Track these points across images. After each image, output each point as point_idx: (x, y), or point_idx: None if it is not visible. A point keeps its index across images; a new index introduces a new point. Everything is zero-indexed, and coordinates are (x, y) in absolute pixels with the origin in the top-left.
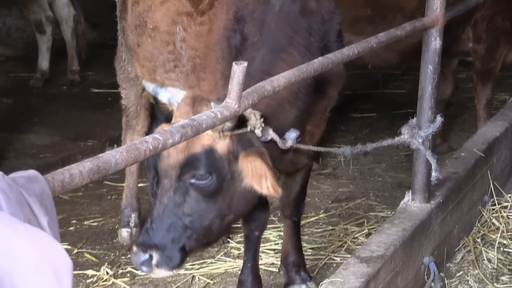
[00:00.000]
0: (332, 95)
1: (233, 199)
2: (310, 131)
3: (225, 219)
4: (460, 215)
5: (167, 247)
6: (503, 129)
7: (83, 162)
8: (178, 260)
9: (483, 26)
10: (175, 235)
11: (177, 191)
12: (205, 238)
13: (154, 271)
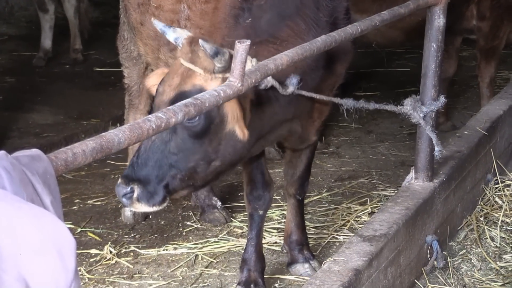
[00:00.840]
0: (339, 72)
1: (221, 144)
2: (319, 108)
3: (212, 164)
4: (463, 193)
5: (150, 183)
6: (506, 108)
7: (86, 141)
8: (159, 198)
9: (487, 3)
10: (159, 172)
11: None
12: (189, 180)
13: (134, 205)
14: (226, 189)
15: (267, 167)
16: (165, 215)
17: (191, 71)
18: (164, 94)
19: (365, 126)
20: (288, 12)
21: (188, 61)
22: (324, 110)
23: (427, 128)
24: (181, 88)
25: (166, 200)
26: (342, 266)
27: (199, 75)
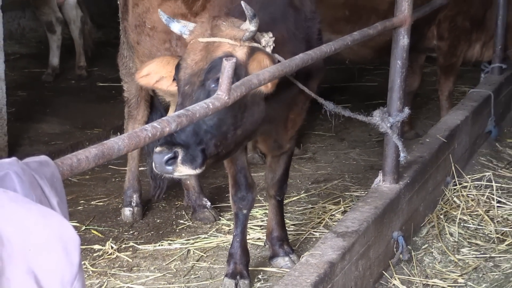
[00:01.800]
0: (312, 87)
1: (246, 110)
2: (293, 119)
3: (237, 130)
4: (425, 194)
5: (190, 147)
6: (463, 118)
7: (89, 148)
8: (200, 160)
9: (446, 25)
10: (198, 137)
11: (200, 96)
12: (220, 146)
13: (179, 168)
14: (215, 191)
15: (250, 171)
16: (160, 214)
17: (216, 43)
18: (193, 66)
19: (338, 134)
20: (275, 19)
21: (210, 37)
22: (297, 121)
23: (393, 136)
24: (213, 56)
25: (205, 164)
26: (318, 259)
27: (227, 44)
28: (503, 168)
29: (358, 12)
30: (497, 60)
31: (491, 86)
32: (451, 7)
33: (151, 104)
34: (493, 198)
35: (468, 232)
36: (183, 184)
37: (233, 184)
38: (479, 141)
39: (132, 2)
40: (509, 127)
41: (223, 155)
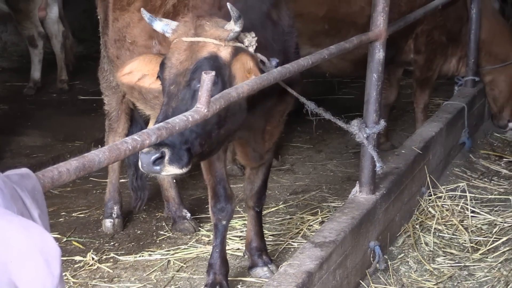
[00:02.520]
0: (290, 100)
1: (229, 109)
2: (270, 130)
3: (221, 130)
4: (401, 204)
5: (176, 146)
6: (438, 129)
7: (70, 160)
8: (187, 159)
9: (422, 40)
10: (183, 137)
11: (185, 95)
12: (205, 145)
13: (166, 168)
14: (195, 202)
15: (229, 183)
16: (141, 226)
17: (201, 43)
18: (178, 66)
19: (316, 146)
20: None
21: (194, 36)
22: (275, 133)
23: (369, 147)
24: (198, 56)
25: (190, 164)
26: (297, 269)
27: (211, 44)
28: (477, 179)
29: (337, 25)
30: (470, 73)
31: (465, 99)
32: (428, 22)
33: (131, 117)
34: (467, 208)
35: (443, 242)
36: (163, 196)
37: (213, 195)
38: (453, 152)
39: (112, 17)
40: (482, 139)
41: (206, 153)
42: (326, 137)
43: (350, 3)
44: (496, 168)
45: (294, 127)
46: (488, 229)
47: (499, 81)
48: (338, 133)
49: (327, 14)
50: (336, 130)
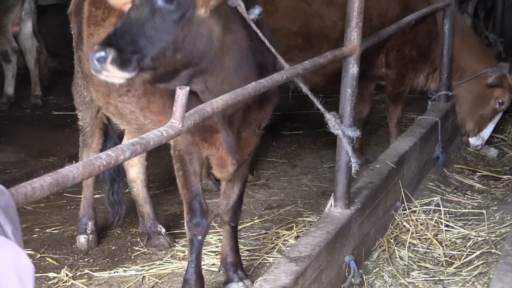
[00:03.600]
0: (267, 111)
1: (188, 35)
2: (245, 137)
3: (176, 54)
4: (376, 219)
5: (124, 51)
6: (412, 144)
7: (44, 176)
8: (132, 66)
9: (393, 54)
10: (134, 45)
11: (145, 8)
12: (157, 61)
13: (107, 67)
14: (170, 218)
15: (205, 198)
16: (116, 241)
17: None
18: None
19: (290, 161)
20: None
21: None
22: (250, 143)
23: (344, 140)
24: None
25: (136, 71)
26: (272, 284)
27: None
28: (451, 193)
29: (310, 40)
30: (444, 88)
31: (438, 113)
32: (398, 37)
33: (105, 132)
34: (441, 222)
35: (417, 256)
36: (138, 211)
37: (188, 210)
38: (427, 166)
39: (87, 32)
40: (456, 153)
41: (161, 73)
42: (301, 152)
43: (323, 18)
44: (470, 182)
45: (269, 142)
46: (462, 243)
47: (460, 97)
48: (313, 147)
49: (300, 29)
50: (311, 145)
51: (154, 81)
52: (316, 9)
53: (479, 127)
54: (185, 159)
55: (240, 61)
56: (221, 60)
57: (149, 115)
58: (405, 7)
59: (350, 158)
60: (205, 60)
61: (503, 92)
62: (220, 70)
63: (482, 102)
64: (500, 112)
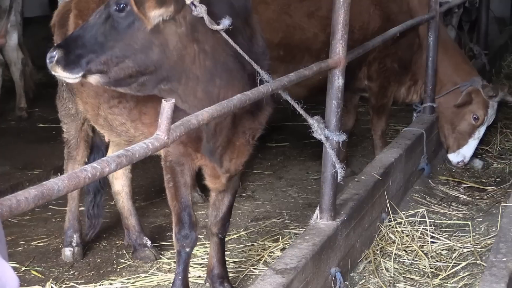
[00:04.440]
0: (261, 120)
1: (138, 44)
2: (238, 147)
3: (126, 60)
4: (361, 230)
5: (71, 53)
6: (397, 156)
7: (29, 189)
8: (76, 69)
9: (375, 67)
10: (83, 48)
11: (101, 15)
12: (104, 66)
13: (54, 67)
14: (156, 230)
15: (193, 210)
16: (101, 254)
17: None
18: None
19: (276, 173)
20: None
21: None
22: (243, 152)
23: (327, 145)
24: None
25: (80, 74)
26: None
27: None
28: (436, 204)
29: (292, 51)
30: (429, 99)
31: (423, 125)
32: (380, 50)
33: (90, 144)
34: (427, 233)
35: (403, 267)
36: (123, 224)
37: (177, 222)
38: (413, 178)
39: None
40: (441, 165)
41: (114, 77)
42: (287, 164)
43: (304, 30)
44: (455, 194)
45: (255, 153)
46: (447, 254)
47: (439, 111)
48: (298, 159)
49: (282, 40)
50: (296, 157)
51: (110, 84)
52: (297, 21)
53: (458, 143)
54: (176, 170)
55: (213, 71)
56: (186, 69)
57: (140, 127)
58: (386, 20)
59: (336, 169)
60: (163, 69)
61: (477, 106)
62: (187, 79)
63: (457, 117)
64: (481, 128)
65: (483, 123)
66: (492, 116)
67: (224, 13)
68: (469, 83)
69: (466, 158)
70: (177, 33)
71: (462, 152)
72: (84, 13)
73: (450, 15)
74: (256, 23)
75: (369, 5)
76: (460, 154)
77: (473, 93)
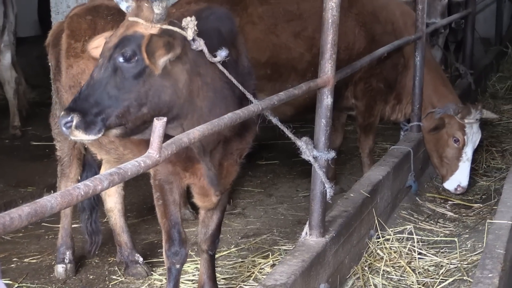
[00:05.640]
0: (248, 140)
1: (151, 90)
2: (226, 167)
3: (142, 108)
4: (350, 247)
5: (88, 114)
6: (385, 173)
7: (22, 206)
8: (96, 129)
9: (361, 87)
10: (98, 106)
11: (107, 68)
12: (123, 118)
13: (74, 132)
14: (147, 247)
15: (183, 227)
16: (93, 271)
17: (135, 22)
18: (110, 42)
19: (266, 190)
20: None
21: (133, 16)
22: (231, 172)
23: (316, 166)
24: (124, 34)
25: (102, 132)
26: None
27: (141, 24)
28: (423, 221)
29: (278, 70)
30: (416, 118)
31: (411, 143)
32: (366, 70)
33: (83, 162)
34: (415, 250)
35: (391, 283)
36: (115, 240)
37: (167, 239)
38: (400, 195)
39: (65, 64)
40: (428, 182)
41: (130, 127)
42: (277, 181)
43: (290, 50)
44: (442, 211)
45: (246, 171)
46: (435, 270)
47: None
48: (288, 177)
49: (269, 60)
50: (286, 175)
51: (126, 135)
52: (284, 40)
53: (449, 170)
54: (165, 189)
55: (214, 101)
56: (192, 103)
57: (129, 145)
58: (371, 40)
59: (324, 187)
60: (175, 108)
61: (453, 129)
62: (193, 113)
63: (439, 144)
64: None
65: (465, 143)
66: (477, 135)
67: (214, 41)
68: (442, 109)
69: (463, 182)
70: (184, 71)
71: (455, 177)
72: (76, 33)
73: (437, 35)
74: (242, 44)
75: (354, 26)
76: (455, 180)
77: (446, 117)
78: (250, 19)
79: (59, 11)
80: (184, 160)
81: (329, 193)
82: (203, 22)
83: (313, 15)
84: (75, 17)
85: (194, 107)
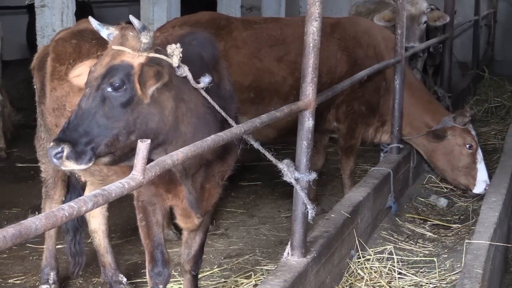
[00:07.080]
0: (230, 163)
1: (139, 117)
2: (208, 189)
3: (130, 136)
4: (331, 267)
5: (78, 144)
6: (365, 194)
7: (7, 228)
8: (86, 158)
9: (343, 109)
10: (87, 136)
11: (95, 98)
12: (112, 147)
13: (65, 163)
14: (131, 267)
15: (166, 248)
16: None
17: (121, 51)
18: (96, 71)
19: (249, 211)
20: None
21: (118, 45)
22: (213, 194)
23: (297, 188)
24: (111, 64)
25: (92, 161)
26: None
27: (128, 53)
28: (403, 241)
29: (261, 94)
30: (395, 140)
31: (390, 165)
32: (348, 93)
33: (68, 184)
34: (395, 270)
35: None
36: (99, 261)
37: (150, 259)
38: (381, 216)
39: (50, 86)
40: (407, 203)
41: (119, 155)
42: (259, 202)
43: (273, 74)
44: (421, 231)
45: (228, 192)
46: None
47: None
48: (270, 198)
49: (252, 83)
50: (268, 195)
51: (114, 163)
52: (267, 65)
53: (472, 176)
54: (148, 210)
55: (197, 126)
56: (177, 129)
57: (113, 167)
58: (353, 64)
59: (306, 208)
60: (161, 135)
61: (463, 137)
62: (178, 138)
63: (453, 156)
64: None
65: (477, 145)
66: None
67: (196, 66)
68: (441, 125)
69: (487, 180)
70: (170, 97)
71: (480, 179)
72: (61, 56)
73: (415, 59)
74: (224, 68)
75: (337, 51)
76: (481, 182)
77: (448, 130)
78: (235, 43)
79: (44, 35)
80: (167, 182)
81: (311, 214)
82: (186, 47)
83: (296, 40)
84: (60, 40)
85: (179, 133)
